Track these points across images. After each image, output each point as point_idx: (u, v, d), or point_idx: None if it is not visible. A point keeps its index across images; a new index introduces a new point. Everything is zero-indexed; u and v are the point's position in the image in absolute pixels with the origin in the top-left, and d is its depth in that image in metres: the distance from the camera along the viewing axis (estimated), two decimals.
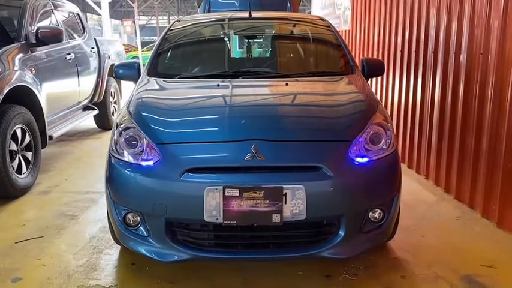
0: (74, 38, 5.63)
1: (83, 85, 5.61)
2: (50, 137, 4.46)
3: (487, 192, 3.25)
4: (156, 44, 3.61)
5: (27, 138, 4.02)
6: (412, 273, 2.57)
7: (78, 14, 6.02)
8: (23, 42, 4.26)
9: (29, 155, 4.05)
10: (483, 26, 3.30)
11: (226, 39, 3.89)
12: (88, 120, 6.12)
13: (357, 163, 2.28)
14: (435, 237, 3.01)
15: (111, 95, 6.75)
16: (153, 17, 37.24)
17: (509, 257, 2.74)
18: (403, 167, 4.37)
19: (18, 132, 3.87)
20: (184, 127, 2.49)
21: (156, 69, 3.32)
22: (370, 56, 5.71)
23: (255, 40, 4.75)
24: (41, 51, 4.49)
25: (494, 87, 3.17)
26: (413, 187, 4.02)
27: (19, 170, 3.86)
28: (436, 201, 3.70)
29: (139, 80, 3.18)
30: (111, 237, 2.75)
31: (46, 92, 4.43)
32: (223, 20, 3.98)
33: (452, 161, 3.74)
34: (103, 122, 6.66)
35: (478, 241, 2.96)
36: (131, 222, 2.38)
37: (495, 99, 3.16)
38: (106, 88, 6.42)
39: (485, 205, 3.27)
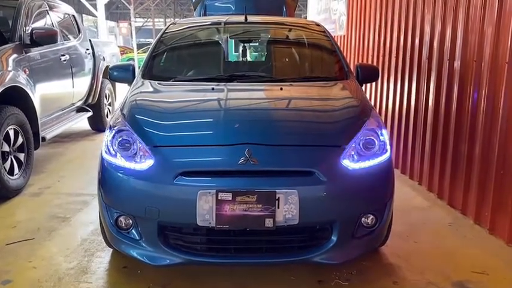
0: (69, 39, 5.61)
1: (78, 87, 5.58)
2: (43, 139, 4.44)
3: (479, 199, 3.27)
4: (151, 46, 3.61)
5: (20, 139, 3.99)
6: (404, 279, 2.57)
7: (73, 15, 6.00)
8: (17, 42, 4.24)
9: (22, 156, 4.02)
10: (477, 33, 3.32)
11: (221, 42, 3.88)
12: (82, 122, 6.10)
13: (350, 168, 2.29)
14: (427, 243, 3.01)
15: (106, 97, 6.73)
16: (149, 19, 37.24)
17: (501, 264, 2.75)
18: (397, 172, 4.39)
19: (11, 133, 3.84)
20: (177, 130, 2.48)
21: (151, 71, 3.30)
22: (365, 61, 5.73)
23: (251, 44, 4.75)
24: (35, 52, 4.47)
25: (487, 94, 3.19)
26: (407, 193, 4.03)
27: (11, 171, 3.83)
28: (429, 207, 3.71)
29: (134, 82, 3.17)
30: (103, 240, 2.73)
31: (40, 93, 4.41)
32: (219, 23, 3.97)
33: (445, 167, 3.76)
34: (97, 124, 6.64)
35: (470, 247, 2.97)
36: (123, 225, 2.37)
37: (488, 106, 3.18)
38: (100, 90, 6.40)
39: (478, 211, 3.29)
